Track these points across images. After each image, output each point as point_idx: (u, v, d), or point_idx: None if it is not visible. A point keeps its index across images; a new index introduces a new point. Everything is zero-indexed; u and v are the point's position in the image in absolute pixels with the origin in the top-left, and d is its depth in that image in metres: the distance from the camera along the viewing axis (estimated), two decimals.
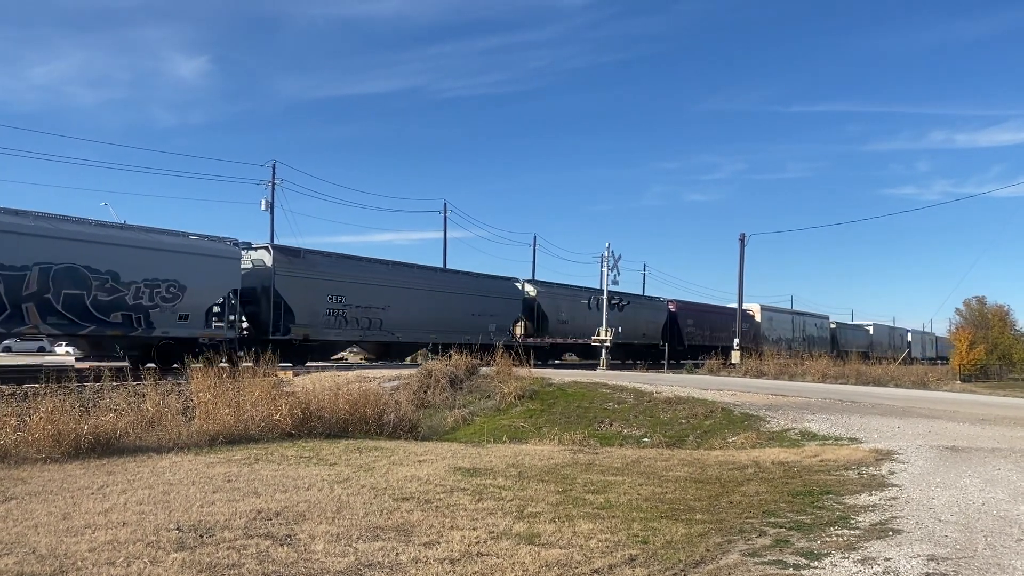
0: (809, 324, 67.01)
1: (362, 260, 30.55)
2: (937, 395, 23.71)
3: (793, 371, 32.35)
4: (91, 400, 12.48)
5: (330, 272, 27.95)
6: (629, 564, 5.29)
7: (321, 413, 12.53)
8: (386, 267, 31.15)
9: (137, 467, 8.94)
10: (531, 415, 15.89)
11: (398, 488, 7.83)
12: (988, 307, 57.81)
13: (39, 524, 6.10)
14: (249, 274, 25.28)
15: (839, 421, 13.87)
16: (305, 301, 26.37)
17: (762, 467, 9.66)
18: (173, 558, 5.15)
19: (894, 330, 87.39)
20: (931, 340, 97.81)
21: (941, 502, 7.44)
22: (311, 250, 28.34)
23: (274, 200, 43.58)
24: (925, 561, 5.37)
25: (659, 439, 13.61)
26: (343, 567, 5.07)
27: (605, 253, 37.96)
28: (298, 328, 26.04)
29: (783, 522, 6.61)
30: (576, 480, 8.62)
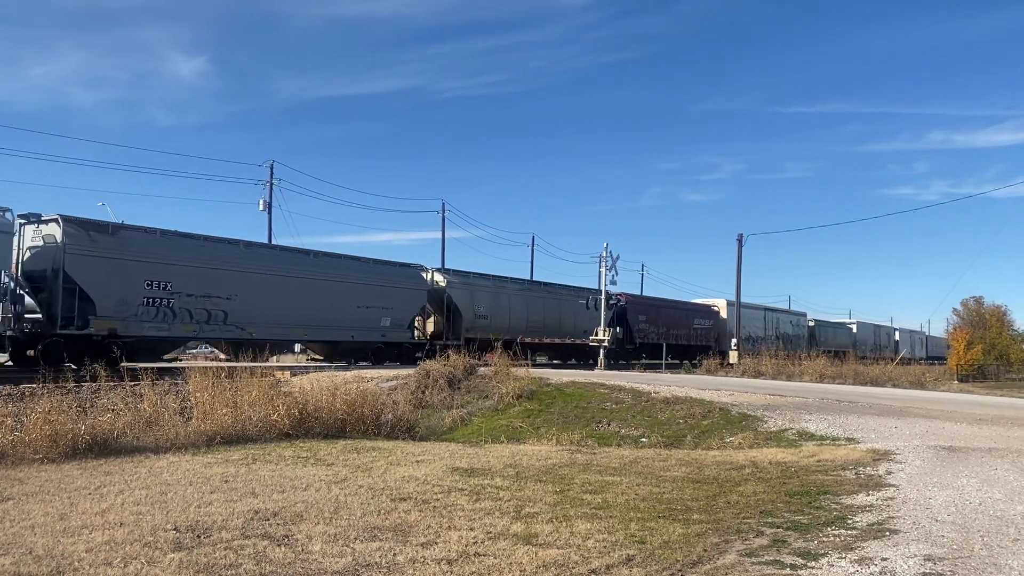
0: (784, 321, 62.46)
1: (199, 238, 24.84)
2: (934, 395, 23.74)
3: (791, 371, 32.38)
4: (88, 400, 12.46)
5: (150, 252, 22.80)
6: (626, 564, 5.29)
7: (319, 413, 12.52)
8: (234, 248, 25.69)
9: (134, 467, 8.93)
10: (529, 415, 15.89)
11: (396, 488, 7.83)
12: (986, 307, 57.95)
13: (36, 524, 6.09)
14: (39, 253, 21.05)
15: (836, 421, 13.87)
16: (111, 287, 21.51)
17: (759, 467, 9.67)
18: (170, 558, 5.15)
19: (880, 328, 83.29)
20: (921, 339, 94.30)
21: (938, 502, 7.45)
22: (124, 224, 23.37)
23: (272, 200, 43.57)
24: (922, 561, 5.38)
25: (657, 439, 13.61)
26: (340, 567, 5.06)
27: (603, 253, 37.96)
28: (101, 321, 21.25)
29: (780, 522, 6.62)
30: (574, 480, 8.62)
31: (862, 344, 70.24)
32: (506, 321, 35.25)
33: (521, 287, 38.43)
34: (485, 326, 33.75)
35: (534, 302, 38.31)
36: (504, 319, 35.37)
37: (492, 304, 35.10)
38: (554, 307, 39.45)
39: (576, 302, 39.40)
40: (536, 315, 38.02)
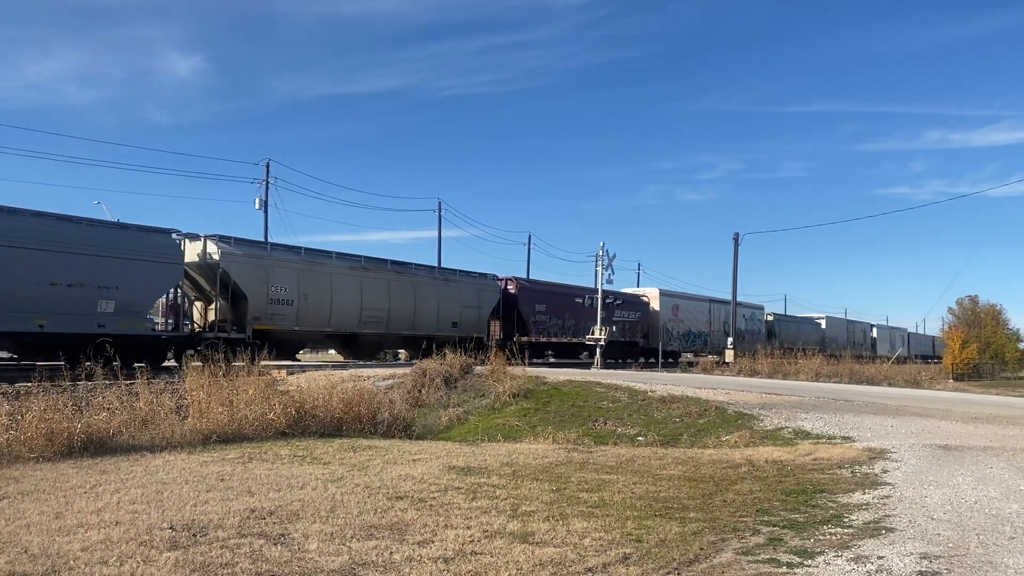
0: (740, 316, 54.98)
1: None
2: (930, 394, 23.80)
3: (786, 370, 32.49)
4: (84, 399, 12.43)
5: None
6: (623, 562, 5.29)
7: (315, 412, 12.50)
8: None
9: (130, 466, 8.91)
10: (525, 414, 15.89)
11: (392, 487, 7.82)
12: (981, 306, 58.22)
13: (31, 523, 6.07)
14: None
15: (832, 420, 13.90)
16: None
17: (756, 466, 9.68)
18: (166, 557, 5.14)
19: (854, 324, 77.47)
20: (902, 336, 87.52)
21: (934, 500, 7.47)
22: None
23: (268, 199, 43.52)
24: (918, 559, 5.39)
25: (653, 438, 13.62)
26: (337, 566, 5.06)
27: (600, 252, 37.94)
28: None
29: (777, 520, 6.63)
30: (570, 479, 8.62)
31: (832, 341, 63.64)
32: (326, 309, 26.86)
33: (354, 266, 28.70)
34: (289, 315, 25.60)
35: (373, 286, 28.98)
36: (322, 307, 26.83)
37: (302, 286, 26.18)
38: (406, 293, 30.24)
39: (445, 288, 31.86)
40: (377, 303, 29.01)
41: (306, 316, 26.23)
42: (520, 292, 36.48)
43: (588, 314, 39.30)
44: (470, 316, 32.76)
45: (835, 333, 69.07)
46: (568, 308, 39.43)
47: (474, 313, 33.19)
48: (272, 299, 25.24)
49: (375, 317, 29.01)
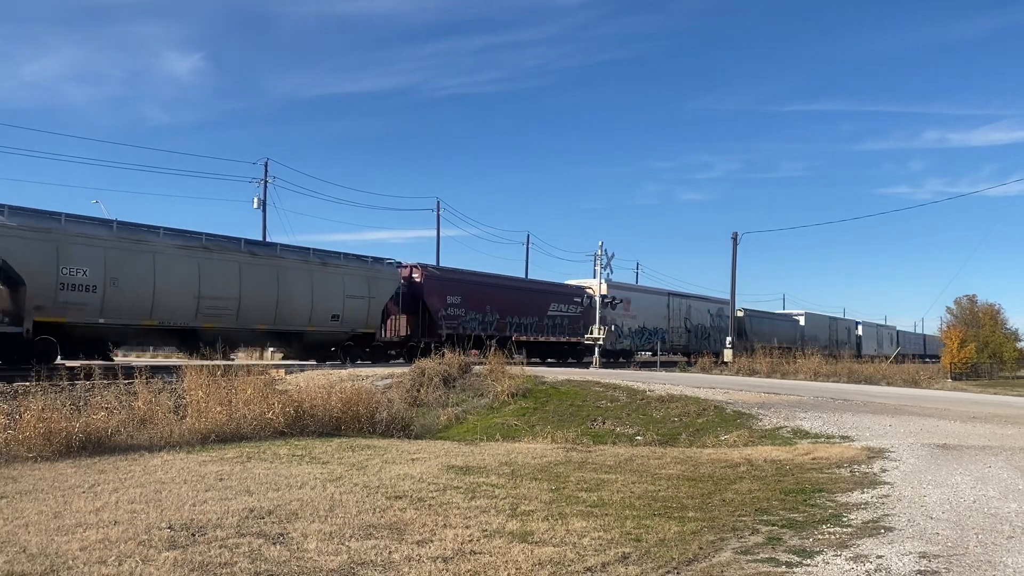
0: (696, 310, 51.33)
1: None
2: (928, 393, 23.83)
3: (785, 369, 32.54)
4: (82, 398, 12.41)
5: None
6: (622, 562, 5.29)
7: (314, 411, 12.49)
8: None
9: (129, 466, 8.90)
10: (524, 413, 15.89)
11: (391, 486, 7.82)
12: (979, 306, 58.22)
13: (30, 523, 6.06)
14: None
15: (831, 419, 13.91)
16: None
17: (754, 465, 9.69)
18: (165, 557, 5.13)
19: (837, 322, 72.98)
20: (890, 335, 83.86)
21: (933, 500, 7.47)
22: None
23: (266, 198, 43.49)
24: (917, 558, 5.39)
25: (652, 437, 13.62)
26: (336, 565, 5.05)
27: (598, 251, 37.96)
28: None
29: (775, 520, 6.63)
30: (569, 478, 8.62)
31: (812, 339, 59.78)
32: (146, 298, 21.60)
33: (189, 244, 22.97)
34: (90, 304, 20.33)
35: (216, 269, 23.42)
36: (140, 294, 21.49)
37: (111, 268, 20.82)
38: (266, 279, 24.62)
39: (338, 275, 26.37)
40: (223, 290, 23.44)
41: (116, 306, 20.82)
42: (427, 281, 30.62)
43: (515, 308, 35.03)
44: (356, 308, 26.90)
45: (815, 331, 64.22)
46: (490, 300, 33.72)
47: (361, 305, 27.14)
48: (64, 284, 19.80)
49: (219, 308, 23.32)
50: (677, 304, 48.95)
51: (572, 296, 40.04)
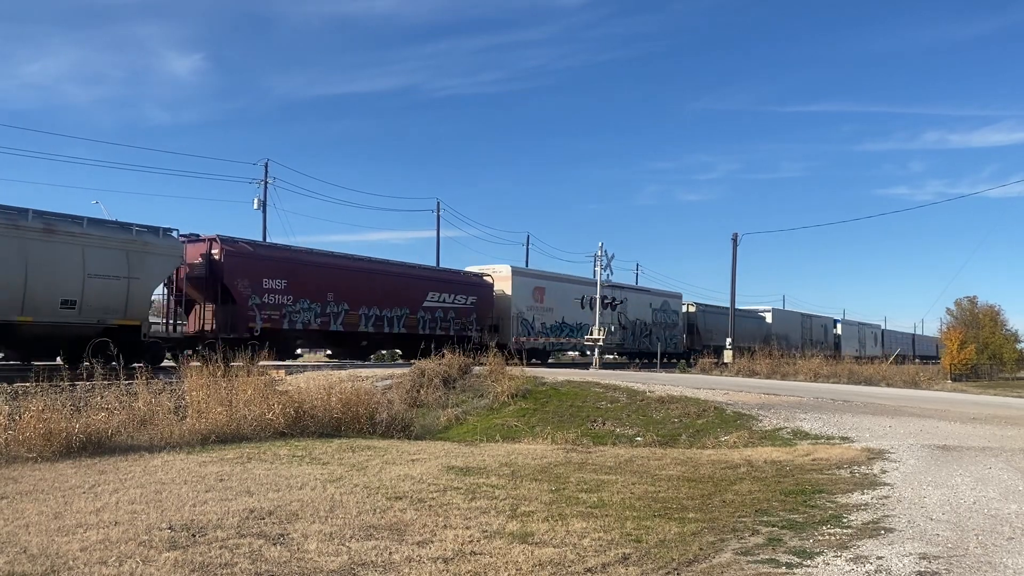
0: (636, 304, 44.65)
1: None
2: (928, 394, 23.83)
3: (785, 370, 32.59)
4: (82, 399, 12.41)
5: None
6: (622, 563, 5.29)
7: (314, 412, 12.50)
8: None
9: (129, 466, 8.90)
10: (524, 414, 15.89)
11: (391, 487, 7.82)
12: (979, 307, 58.26)
13: (30, 523, 6.07)
14: None
15: (831, 420, 13.91)
16: None
17: (755, 466, 9.69)
18: (165, 557, 5.13)
19: (811, 319, 66.71)
20: (874, 334, 78.47)
21: (933, 501, 7.47)
22: None
23: (266, 199, 43.49)
24: (917, 560, 5.39)
25: (652, 438, 13.62)
26: (336, 566, 5.05)
27: (598, 252, 37.95)
28: None
29: (776, 521, 6.63)
30: (569, 479, 8.62)
31: (781, 338, 54.56)
32: None
33: None
34: None
35: None
36: None
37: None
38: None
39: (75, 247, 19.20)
40: None
41: None
42: (229, 260, 23.67)
43: (373, 297, 28.44)
44: (107, 292, 19.84)
45: (785, 328, 58.60)
46: (334, 287, 26.92)
47: (117, 288, 20.07)
48: None
49: None
50: (607, 296, 41.27)
51: (461, 284, 32.86)
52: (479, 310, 33.27)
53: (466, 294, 33.07)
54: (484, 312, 33.47)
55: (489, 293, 34.40)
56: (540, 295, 37.35)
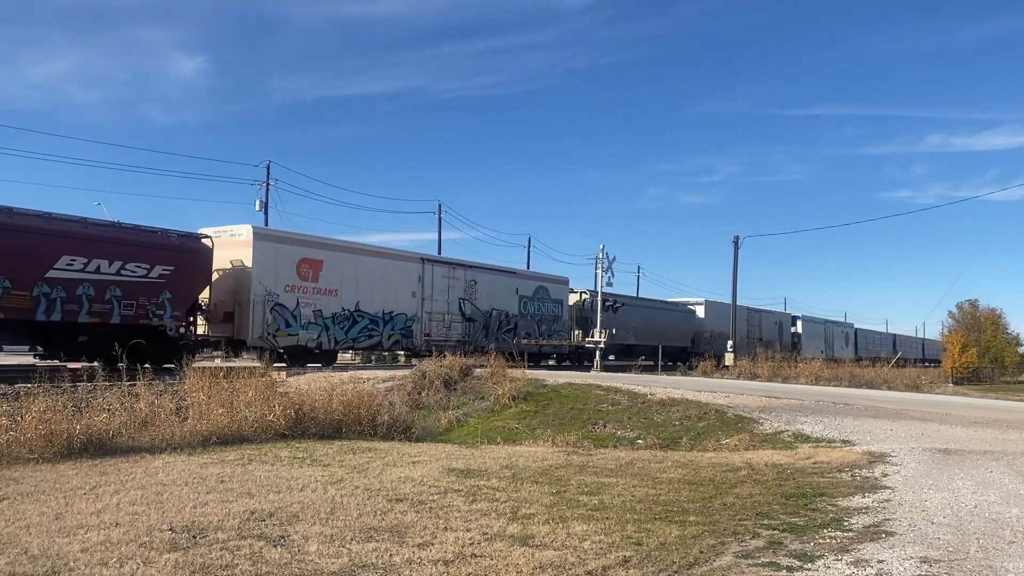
0: (493, 287, 33.79)
1: None
2: (929, 398, 23.79)
3: (786, 373, 32.60)
4: (84, 400, 12.42)
5: None
6: (623, 565, 5.29)
7: (315, 414, 12.49)
8: None
9: (130, 467, 8.90)
10: (525, 416, 15.89)
11: (392, 489, 7.82)
12: (981, 310, 58.29)
13: (31, 524, 6.07)
14: None
15: (832, 423, 13.90)
16: None
17: (755, 469, 9.68)
18: (166, 559, 5.13)
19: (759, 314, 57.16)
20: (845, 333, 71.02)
21: (934, 504, 7.47)
22: None
23: (268, 200, 43.45)
24: (918, 563, 5.39)
25: (653, 441, 13.62)
26: (337, 568, 5.05)
27: (599, 255, 37.86)
28: None
29: (776, 524, 6.63)
30: (570, 481, 8.62)
31: (716, 337, 47.67)
32: None
33: None
34: None
35: None
36: None
37: None
38: None
39: None
40: None
41: None
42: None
43: None
44: None
45: (722, 325, 48.15)
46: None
47: None
48: None
49: None
50: (443, 275, 30.90)
51: (139, 247, 21.06)
52: (171, 285, 21.53)
53: (149, 262, 21.12)
54: (188, 290, 22.32)
55: (202, 263, 22.68)
56: (314, 271, 26.17)
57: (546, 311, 37.84)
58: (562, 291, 39.61)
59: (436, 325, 30.92)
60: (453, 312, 31.96)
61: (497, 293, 34.60)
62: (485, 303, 33.78)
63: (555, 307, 38.62)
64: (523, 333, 35.87)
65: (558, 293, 39.19)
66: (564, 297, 39.52)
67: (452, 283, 31.87)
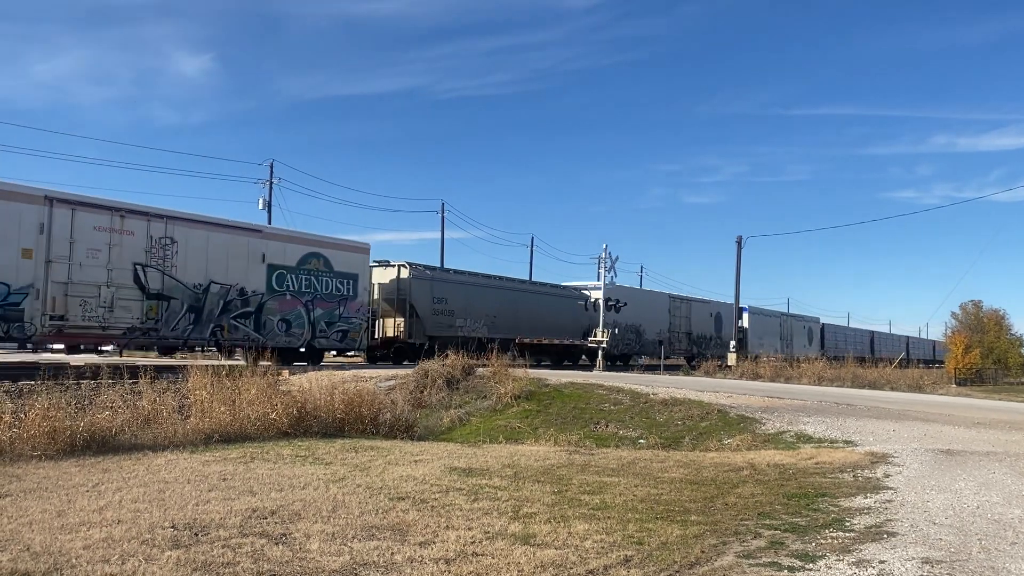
0: (230, 253, 23.55)
1: None
2: (932, 399, 23.75)
3: (789, 374, 32.55)
4: (87, 397, 12.44)
5: None
6: (624, 565, 5.29)
7: (317, 412, 12.51)
8: None
9: (132, 465, 8.92)
10: (527, 416, 15.89)
11: (394, 488, 7.82)
12: (984, 311, 58.23)
13: (33, 521, 6.08)
14: None
15: (834, 424, 13.88)
16: None
17: (757, 469, 9.67)
18: (168, 556, 5.14)
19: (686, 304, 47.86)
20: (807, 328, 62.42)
21: (936, 505, 7.46)
22: None
23: (271, 199, 43.30)
24: (920, 564, 5.38)
25: (655, 440, 13.61)
26: (338, 566, 5.06)
27: (602, 254, 37.80)
28: None
29: (778, 524, 6.62)
30: (572, 481, 8.62)
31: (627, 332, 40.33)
32: None
33: None
34: None
35: None
36: None
37: None
38: None
39: None
40: None
41: None
42: None
43: None
44: None
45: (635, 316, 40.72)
46: None
47: None
48: None
49: None
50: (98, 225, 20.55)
51: None
52: None
53: None
54: None
55: None
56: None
57: (324, 289, 25.95)
58: (355, 262, 27.23)
59: (81, 303, 20.09)
60: (122, 284, 21.05)
61: (220, 259, 23.41)
62: (195, 273, 22.77)
63: (343, 284, 26.57)
64: (276, 320, 24.48)
65: (348, 264, 26.87)
66: (361, 270, 27.41)
67: (122, 240, 20.98)
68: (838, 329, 71.18)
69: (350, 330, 26.89)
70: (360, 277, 27.44)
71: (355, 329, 27.09)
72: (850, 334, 73.05)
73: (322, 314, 25.93)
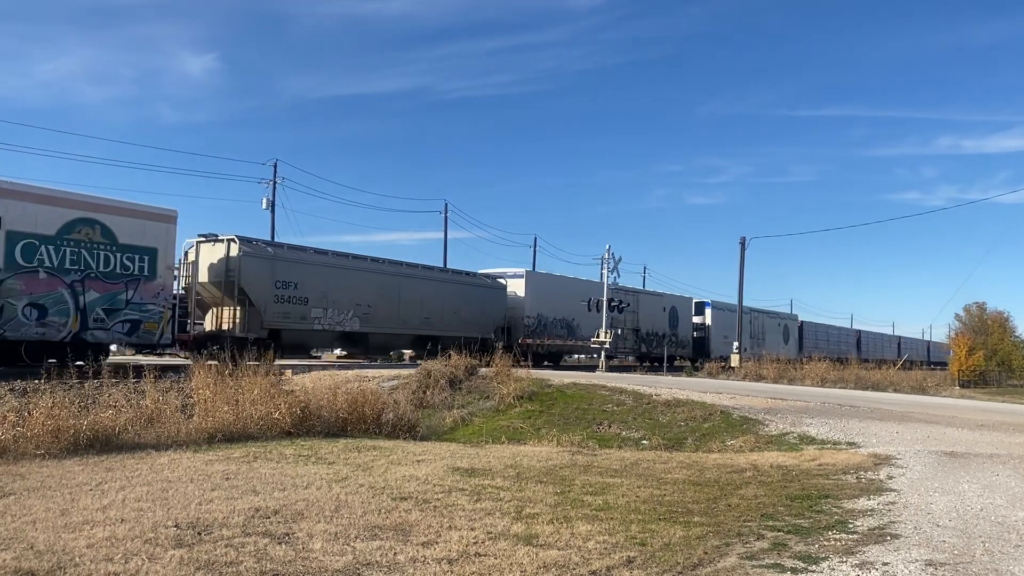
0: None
1: None
2: (936, 400, 23.70)
3: (792, 375, 32.50)
4: (91, 396, 12.47)
5: None
6: (627, 566, 5.29)
7: (320, 412, 12.53)
8: None
9: (136, 464, 8.94)
10: (530, 416, 15.89)
11: (396, 488, 7.83)
12: (988, 313, 58.05)
13: (37, 520, 6.10)
14: None
15: (837, 425, 13.86)
16: None
17: (760, 470, 9.66)
18: (171, 555, 5.15)
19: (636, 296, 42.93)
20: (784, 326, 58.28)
21: (939, 507, 7.44)
22: None
23: (275, 199, 43.15)
24: (923, 566, 5.37)
25: (658, 441, 13.61)
26: (341, 566, 5.06)
27: (605, 255, 37.74)
28: None
29: (781, 525, 6.62)
30: (574, 481, 8.62)
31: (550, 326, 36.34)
32: None
33: None
34: None
35: None
36: None
37: None
38: None
39: None
40: None
41: None
42: None
43: None
44: None
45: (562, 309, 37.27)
46: None
47: None
48: None
49: None
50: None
51: None
52: None
53: None
54: None
55: None
56: None
57: (102, 266, 19.61)
58: (153, 232, 20.82)
59: None
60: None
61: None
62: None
63: (132, 260, 20.21)
64: (23, 305, 18.16)
65: (140, 235, 20.53)
66: (162, 244, 21.00)
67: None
68: (819, 327, 66.77)
69: (143, 320, 20.40)
70: (161, 252, 20.91)
71: (151, 319, 20.56)
72: (833, 333, 68.61)
73: (98, 299, 19.48)
